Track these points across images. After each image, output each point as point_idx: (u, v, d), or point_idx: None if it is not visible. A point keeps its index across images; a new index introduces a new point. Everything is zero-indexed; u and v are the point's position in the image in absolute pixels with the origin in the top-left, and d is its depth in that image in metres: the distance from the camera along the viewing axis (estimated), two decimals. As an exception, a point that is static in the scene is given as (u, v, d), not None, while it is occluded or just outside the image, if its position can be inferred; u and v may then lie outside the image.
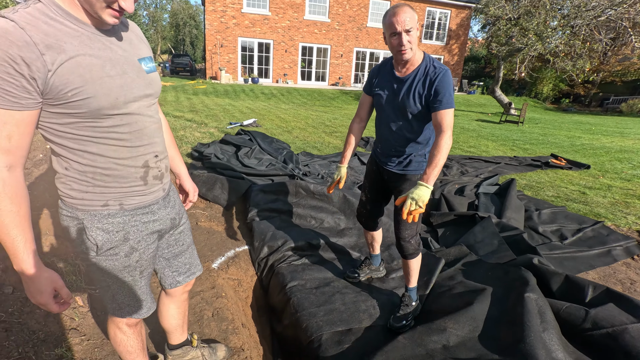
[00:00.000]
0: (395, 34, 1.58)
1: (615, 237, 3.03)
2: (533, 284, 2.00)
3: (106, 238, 1.01)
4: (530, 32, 11.42)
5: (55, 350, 1.50)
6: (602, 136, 10.02)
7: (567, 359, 1.64)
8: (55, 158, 0.96)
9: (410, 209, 1.48)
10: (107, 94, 0.89)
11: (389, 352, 1.65)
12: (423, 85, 1.64)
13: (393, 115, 1.77)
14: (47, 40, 0.80)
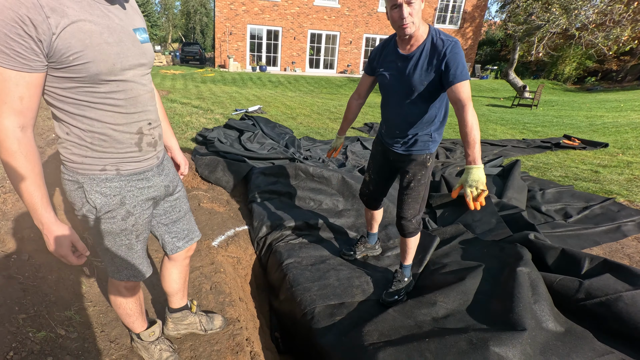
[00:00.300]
0: (395, 6, 1.47)
1: (627, 213, 2.98)
2: (527, 259, 2.00)
3: (104, 201, 1.07)
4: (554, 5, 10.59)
5: (65, 312, 1.61)
6: (632, 112, 9.54)
7: (558, 328, 1.66)
8: (57, 123, 1.00)
9: (474, 196, 1.40)
10: (105, 60, 0.93)
11: (378, 322, 1.68)
12: (431, 61, 1.54)
13: (397, 95, 1.71)
14: (51, 3, 0.82)
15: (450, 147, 5.06)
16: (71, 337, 1.50)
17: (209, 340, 1.66)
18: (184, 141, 4.26)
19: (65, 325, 1.55)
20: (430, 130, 1.76)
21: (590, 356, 1.50)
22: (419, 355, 1.42)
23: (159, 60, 20.46)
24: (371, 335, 1.59)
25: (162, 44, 37.11)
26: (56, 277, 1.78)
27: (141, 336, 1.43)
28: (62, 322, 1.55)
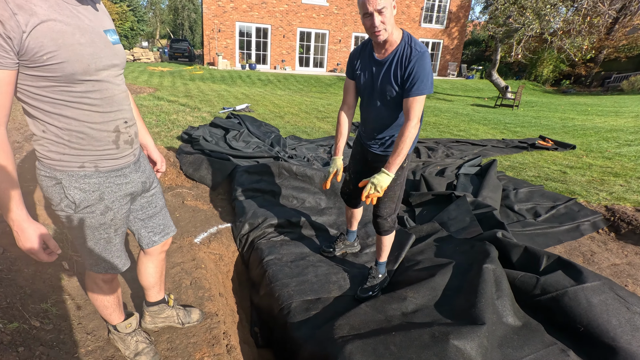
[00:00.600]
0: (367, 14, 1.50)
1: (584, 213, 3.16)
2: (493, 256, 2.12)
3: (83, 197, 1.10)
4: (528, 10, 11.29)
5: (41, 305, 1.64)
6: (596, 116, 10.05)
7: (516, 322, 1.79)
8: (32, 121, 1.02)
9: (370, 192, 1.56)
10: (80, 60, 0.95)
11: (350, 317, 1.77)
12: (400, 68, 1.59)
13: (373, 98, 1.76)
14: (17, 0, 0.83)
15: (433, 147, 5.20)
16: (46, 329, 1.54)
17: (185, 333, 1.71)
18: (169, 139, 4.28)
19: (40, 317, 1.58)
20: None
21: (538, 347, 1.63)
22: (384, 348, 1.51)
23: (146, 56, 20.15)
24: (342, 328, 1.68)
25: (150, 40, 36.50)
26: (33, 270, 1.82)
27: (118, 328, 1.47)
28: (37, 314, 1.58)
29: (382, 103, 1.74)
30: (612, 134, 6.83)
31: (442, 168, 4.09)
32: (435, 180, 3.65)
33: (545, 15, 11.17)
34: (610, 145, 5.82)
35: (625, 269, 2.59)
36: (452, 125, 7.70)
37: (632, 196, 3.50)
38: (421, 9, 20.17)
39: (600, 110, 11.57)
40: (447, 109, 10.81)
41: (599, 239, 2.98)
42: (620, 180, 4.00)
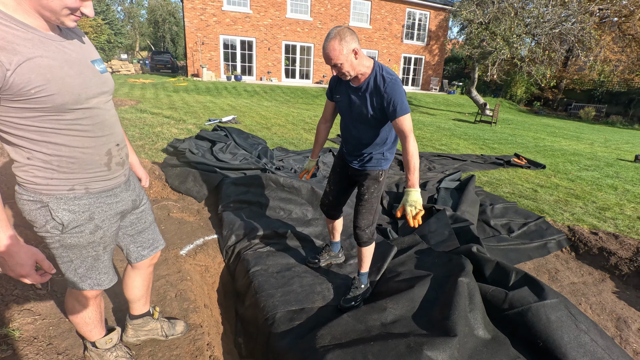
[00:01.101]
0: (330, 65, 1.72)
1: (551, 232, 3.35)
2: (468, 270, 2.23)
3: (72, 218, 1.11)
4: (498, 36, 12.10)
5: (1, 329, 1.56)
6: (563, 139, 10.60)
7: (486, 335, 1.89)
8: (13, 148, 1.03)
9: (413, 214, 1.64)
10: (70, 92, 1.00)
11: (332, 327, 1.84)
12: (374, 96, 1.76)
13: (352, 121, 1.93)
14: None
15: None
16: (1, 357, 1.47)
17: (168, 346, 1.72)
18: (154, 152, 4.28)
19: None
20: (383, 150, 1.99)
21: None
22: (363, 357, 1.59)
23: (126, 68, 19.95)
24: (324, 338, 1.74)
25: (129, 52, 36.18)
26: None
27: (97, 344, 1.44)
28: None
29: (360, 125, 1.90)
30: (574, 157, 7.22)
31: (424, 182, 4.25)
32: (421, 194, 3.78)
33: (513, 43, 12.08)
34: (573, 168, 6.15)
35: (580, 287, 2.78)
36: (435, 139, 7.96)
37: (589, 219, 3.74)
38: (402, 27, 20.83)
39: (565, 133, 12.27)
40: (430, 122, 11.14)
41: (562, 257, 3.17)
42: (580, 203, 4.25)
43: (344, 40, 1.65)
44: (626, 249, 3.10)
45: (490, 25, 12.31)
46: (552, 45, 13.02)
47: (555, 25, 12.54)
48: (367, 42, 20.31)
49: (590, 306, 2.59)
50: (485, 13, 12.30)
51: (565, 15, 12.88)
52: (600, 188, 4.95)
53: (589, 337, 1.81)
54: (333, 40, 1.64)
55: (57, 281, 2.00)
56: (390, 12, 20.27)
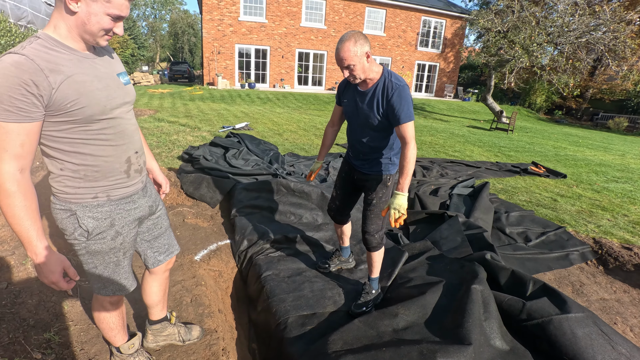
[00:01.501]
0: (341, 67, 1.76)
1: (573, 242, 3.23)
2: (482, 277, 2.20)
3: (96, 225, 1.20)
4: (517, 45, 11.93)
5: (44, 335, 1.68)
6: (587, 149, 10.26)
7: (504, 346, 1.83)
8: (50, 161, 1.14)
9: (395, 217, 1.73)
10: (97, 103, 1.11)
11: (344, 332, 1.84)
12: (382, 101, 1.79)
13: (358, 126, 1.95)
14: (49, 66, 1.01)
15: (428, 166, 5.33)
16: (47, 359, 1.57)
17: (186, 351, 1.76)
18: (170, 159, 4.38)
19: (43, 348, 1.61)
20: (390, 155, 1.99)
21: None
22: (374, 362, 1.58)
23: (146, 80, 20.56)
24: (335, 343, 1.74)
25: (150, 63, 37.34)
26: (37, 300, 1.86)
27: (121, 349, 1.52)
28: (39, 346, 1.62)
29: (366, 129, 1.92)
30: (601, 168, 6.95)
31: (436, 187, 4.21)
32: (429, 199, 3.76)
33: (533, 52, 11.87)
34: (600, 179, 5.91)
35: (614, 305, 2.60)
36: (448, 145, 7.88)
37: (619, 232, 3.56)
38: (417, 34, 20.84)
39: (590, 143, 11.83)
40: (444, 129, 11.05)
41: (588, 271, 3.03)
42: (607, 215, 4.07)
43: (358, 42, 1.69)
44: (671, 268, 2.89)
45: (508, 33, 12.15)
46: (576, 54, 12.71)
47: (581, 35, 12.22)
48: (381, 50, 20.37)
49: (631, 328, 2.39)
50: (504, 22, 12.16)
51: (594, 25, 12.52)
52: (634, 201, 4.70)
53: (627, 359, 1.70)
54: (347, 41, 1.68)
55: (85, 288, 2.08)
56: (405, 20, 20.32)
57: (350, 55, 1.69)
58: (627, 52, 12.62)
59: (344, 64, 1.71)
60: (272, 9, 17.65)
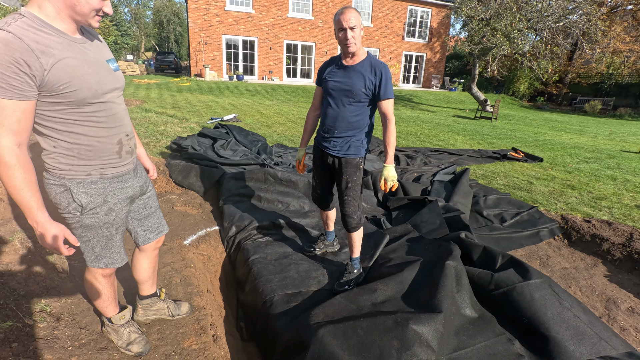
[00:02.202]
0: (342, 29, 1.88)
1: (543, 220, 3.45)
2: (456, 254, 2.35)
3: (89, 200, 1.29)
4: (498, 32, 12.16)
5: (35, 305, 1.77)
6: (564, 133, 10.63)
7: (473, 314, 2.01)
8: (42, 138, 1.20)
9: (388, 186, 1.99)
10: (89, 87, 1.16)
11: (325, 306, 1.96)
12: (369, 73, 1.95)
13: (340, 97, 2.02)
14: (39, 47, 1.04)
15: (412, 155, 5.49)
16: (40, 326, 1.66)
17: (175, 325, 1.87)
18: (158, 149, 4.43)
19: (34, 315, 1.71)
20: (362, 136, 2.10)
21: (490, 336, 1.85)
22: (352, 331, 1.72)
23: (132, 69, 20.20)
24: (317, 316, 1.87)
25: (135, 53, 36.59)
26: (26, 274, 1.94)
27: (112, 320, 1.61)
28: (30, 313, 1.71)
29: (349, 100, 2.01)
30: (575, 151, 7.28)
31: (418, 175, 4.36)
32: (411, 186, 3.90)
33: (514, 39, 12.16)
34: (573, 161, 6.21)
35: (572, 272, 2.89)
36: (433, 135, 8.05)
37: (583, 208, 3.84)
38: (404, 24, 20.89)
39: (568, 127, 12.29)
40: (430, 119, 11.23)
41: (554, 245, 3.28)
42: (575, 193, 4.34)
43: (359, 13, 1.90)
44: (619, 235, 3.19)
45: (491, 21, 12.37)
46: (555, 39, 13.07)
47: (558, 19, 12.57)
48: (369, 41, 20.38)
49: (580, 289, 2.69)
50: (487, 9, 12.35)
51: (571, 8, 12.84)
52: (599, 179, 5.02)
53: (572, 313, 1.92)
54: (351, 8, 1.88)
55: (75, 267, 2.17)
56: (391, 10, 20.33)
57: (355, 16, 1.85)
58: (599, 34, 13.08)
59: (350, 23, 1.84)
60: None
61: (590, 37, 13.40)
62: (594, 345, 1.77)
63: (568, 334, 1.81)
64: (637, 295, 2.64)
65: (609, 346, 1.78)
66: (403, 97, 17.74)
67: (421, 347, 1.63)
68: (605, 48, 17.53)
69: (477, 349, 1.78)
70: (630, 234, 3.17)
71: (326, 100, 2.13)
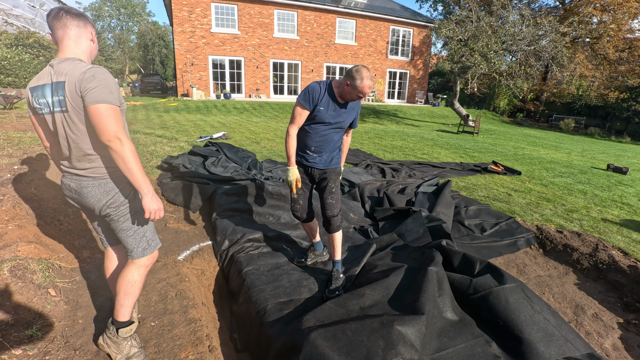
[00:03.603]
0: (360, 95, 2.16)
1: (520, 230, 3.66)
2: (438, 260, 2.51)
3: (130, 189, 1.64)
4: (476, 52, 12.80)
5: (25, 332, 1.79)
6: (542, 148, 11.09)
7: (454, 317, 2.15)
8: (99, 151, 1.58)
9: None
10: None
11: (316, 312, 2.08)
12: (353, 110, 2.37)
13: (331, 127, 2.35)
14: None
15: (397, 168, 5.69)
16: (29, 354, 1.67)
17: (172, 337, 1.93)
18: (149, 169, 4.51)
19: (24, 343, 1.71)
20: (338, 150, 2.48)
21: (469, 338, 1.99)
22: (342, 333, 1.84)
23: (117, 92, 20.26)
24: (309, 321, 1.99)
25: (119, 76, 36.69)
26: (15, 302, 1.95)
27: (120, 332, 1.68)
28: (20, 342, 1.71)
29: (338, 129, 2.39)
30: (551, 165, 7.63)
31: (403, 187, 4.55)
32: (396, 197, 4.08)
33: (491, 59, 12.84)
34: (548, 175, 6.52)
35: (546, 280, 3.09)
36: (417, 148, 8.32)
37: (557, 219, 4.07)
38: (387, 43, 21.62)
39: (545, 143, 12.86)
40: (414, 133, 11.56)
41: (531, 254, 3.48)
42: (550, 205, 4.59)
43: None
44: (587, 246, 3.41)
45: (469, 42, 13.03)
46: (528, 60, 13.86)
47: (530, 43, 13.37)
48: (353, 59, 20.97)
49: (553, 295, 2.88)
50: (465, 31, 13.03)
51: (539, 35, 13.69)
52: (571, 193, 5.30)
53: (542, 316, 2.08)
54: (369, 74, 2.13)
55: (70, 290, 2.22)
56: (374, 30, 21.05)
57: (372, 85, 2.17)
58: (565, 59, 13.94)
59: (368, 93, 2.17)
60: (244, 21, 17.90)
61: (558, 61, 14.26)
62: (560, 346, 1.92)
63: (539, 335, 1.96)
64: (602, 302, 2.85)
65: (573, 347, 1.94)
66: (388, 112, 18.20)
67: (405, 346, 1.76)
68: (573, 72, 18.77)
69: (457, 350, 1.91)
70: (596, 245, 3.40)
71: (316, 127, 2.35)
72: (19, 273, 2.13)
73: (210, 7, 17.12)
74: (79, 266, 2.56)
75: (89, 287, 2.33)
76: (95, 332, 1.91)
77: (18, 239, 2.48)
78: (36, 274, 2.19)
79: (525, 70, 14.01)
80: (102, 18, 42.56)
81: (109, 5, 43.08)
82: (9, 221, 2.64)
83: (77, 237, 2.93)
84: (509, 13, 13.74)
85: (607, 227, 3.92)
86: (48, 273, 2.25)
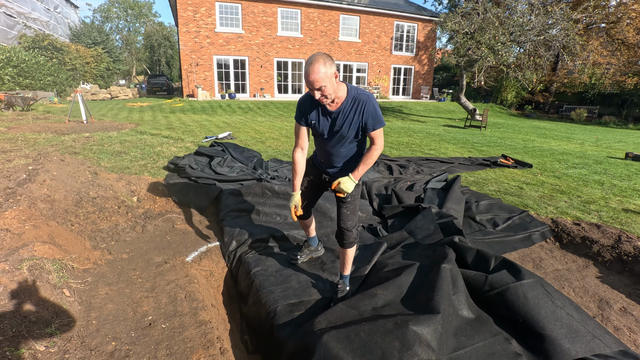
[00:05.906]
0: (312, 90, 1.79)
1: (534, 224, 3.54)
2: (451, 257, 2.44)
3: None
4: (483, 45, 12.60)
5: (45, 330, 1.81)
6: (552, 140, 10.88)
7: (470, 315, 2.07)
8: None
9: (336, 188, 2.01)
10: None
11: (328, 314, 2.03)
12: (354, 113, 1.90)
13: (331, 141, 2.05)
14: None
15: (404, 164, 5.61)
16: (51, 351, 1.70)
17: (183, 340, 1.90)
18: (155, 170, 4.51)
19: (45, 341, 1.75)
20: (355, 162, 2.13)
21: (487, 336, 1.91)
22: (355, 334, 1.78)
23: (124, 93, 20.48)
24: (321, 323, 1.94)
25: (127, 77, 36.95)
26: (35, 300, 1.97)
27: None
28: (42, 338, 1.75)
29: (342, 142, 2.04)
30: (563, 157, 7.44)
31: (411, 183, 4.47)
32: (405, 194, 4.01)
33: (498, 51, 12.60)
34: (561, 167, 6.34)
35: (564, 273, 2.98)
36: (424, 144, 8.22)
37: (573, 211, 3.94)
38: (391, 39, 21.44)
39: (556, 134, 12.57)
40: (420, 129, 11.44)
41: (546, 247, 3.37)
42: (565, 197, 4.46)
43: (327, 63, 1.72)
44: (608, 238, 3.28)
45: (475, 35, 12.83)
46: (537, 51, 13.60)
47: (539, 33, 13.10)
48: (357, 55, 20.84)
49: (574, 289, 2.76)
50: (471, 23, 12.83)
51: (550, 23, 13.42)
52: (587, 184, 5.14)
53: (564, 311, 1.99)
54: (316, 63, 1.71)
55: (83, 291, 2.21)
56: (378, 26, 20.88)
57: (321, 76, 1.72)
58: (578, 48, 13.59)
59: (315, 85, 1.74)
60: (248, 20, 17.89)
61: (570, 50, 13.91)
62: (587, 343, 1.82)
63: (562, 332, 1.87)
64: (629, 295, 2.70)
65: (603, 344, 1.83)
66: (393, 109, 18.06)
67: (421, 347, 1.70)
68: (586, 60, 18.29)
69: (475, 348, 1.84)
70: (619, 236, 3.26)
71: (318, 140, 2.13)
72: (36, 273, 2.15)
73: (214, 7, 17.14)
74: (90, 267, 2.55)
75: (100, 289, 2.31)
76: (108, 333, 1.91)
77: (34, 239, 2.50)
78: (51, 274, 2.21)
79: (535, 61, 13.76)
80: (110, 19, 42.92)
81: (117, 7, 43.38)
82: (26, 221, 2.65)
83: (88, 239, 2.93)
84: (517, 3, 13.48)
85: (630, 218, 3.77)
86: (62, 273, 2.26)
